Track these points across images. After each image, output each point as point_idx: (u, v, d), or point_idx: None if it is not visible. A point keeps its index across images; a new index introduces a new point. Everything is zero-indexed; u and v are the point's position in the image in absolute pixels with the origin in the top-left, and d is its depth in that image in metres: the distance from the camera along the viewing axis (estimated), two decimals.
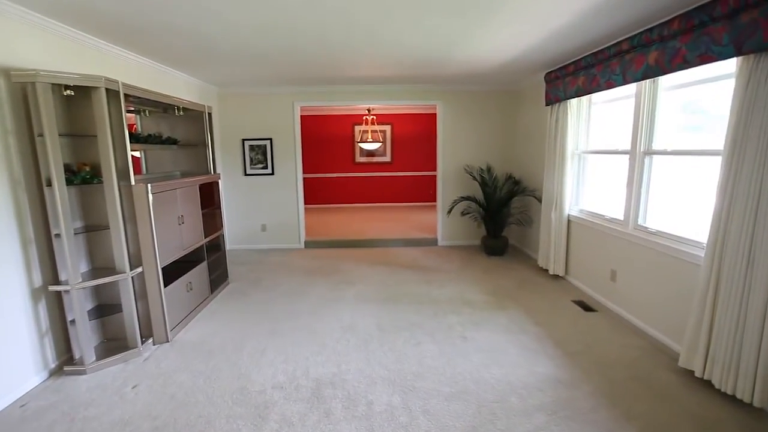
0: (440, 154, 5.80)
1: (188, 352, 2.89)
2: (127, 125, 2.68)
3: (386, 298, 3.87)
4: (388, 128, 9.11)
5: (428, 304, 3.70)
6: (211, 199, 4.05)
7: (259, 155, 5.73)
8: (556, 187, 4.22)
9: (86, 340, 2.60)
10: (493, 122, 5.75)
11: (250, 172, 5.77)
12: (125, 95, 2.70)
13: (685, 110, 2.99)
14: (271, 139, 5.69)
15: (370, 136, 8.39)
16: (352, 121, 9.07)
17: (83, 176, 2.61)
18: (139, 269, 2.85)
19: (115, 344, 2.87)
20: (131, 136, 2.97)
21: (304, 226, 5.94)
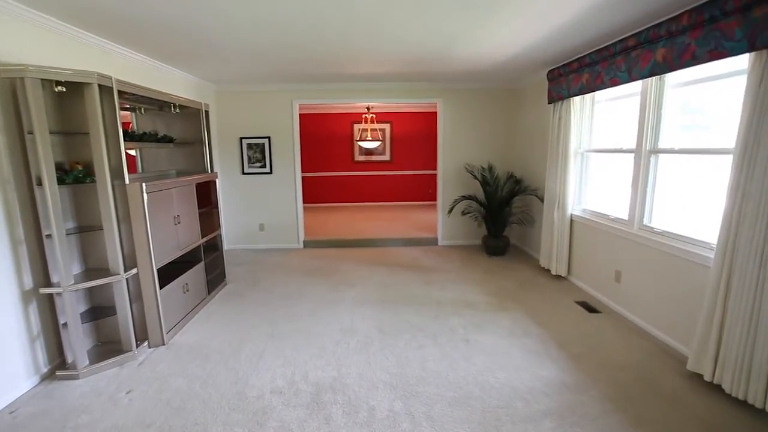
0: (441, 152, 5.73)
1: (184, 355, 2.82)
2: (120, 123, 2.60)
3: (386, 299, 3.80)
4: (387, 127, 9.04)
5: (429, 305, 3.64)
6: (208, 198, 3.98)
7: (257, 154, 5.65)
8: (558, 186, 4.16)
9: (79, 343, 2.52)
10: (494, 120, 5.69)
11: (248, 170, 5.69)
12: (119, 92, 2.63)
13: (683, 110, 2.93)
14: (269, 137, 5.61)
15: (369, 134, 8.32)
16: (351, 119, 8.99)
17: (75, 175, 2.53)
18: (133, 270, 2.77)
19: (109, 348, 2.80)
20: (126, 134, 2.90)
21: (302, 225, 5.87)
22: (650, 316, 3.05)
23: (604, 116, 3.86)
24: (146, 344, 2.90)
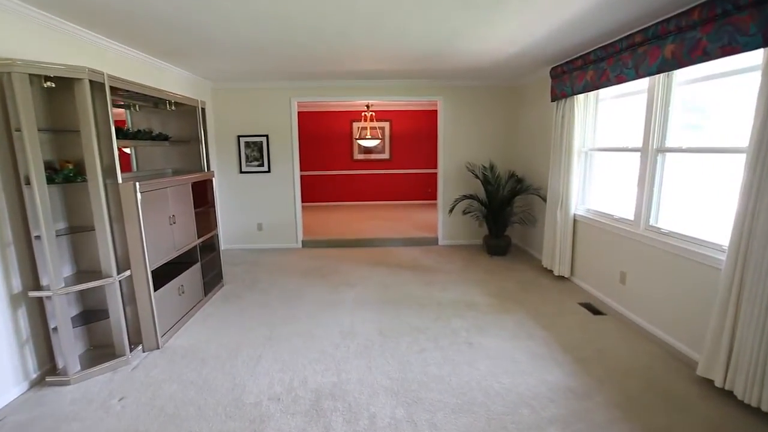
0: (441, 151, 5.66)
1: (179, 359, 2.74)
2: (113, 120, 2.51)
3: (387, 300, 3.73)
4: (387, 125, 8.95)
5: (430, 307, 3.57)
6: (204, 197, 3.89)
7: (254, 152, 5.56)
8: (561, 185, 4.09)
9: (70, 348, 2.44)
10: (495, 118, 5.61)
11: (245, 169, 5.60)
12: (112, 88, 2.54)
13: (691, 108, 2.86)
14: (267, 135, 5.52)
15: (368, 132, 8.23)
16: (350, 117, 8.90)
17: (66, 174, 2.45)
18: (127, 273, 2.69)
19: (101, 352, 2.71)
20: (120, 132, 2.82)
21: (301, 225, 5.79)
22: (657, 318, 2.98)
23: (608, 114, 3.78)
24: (140, 348, 2.82)
